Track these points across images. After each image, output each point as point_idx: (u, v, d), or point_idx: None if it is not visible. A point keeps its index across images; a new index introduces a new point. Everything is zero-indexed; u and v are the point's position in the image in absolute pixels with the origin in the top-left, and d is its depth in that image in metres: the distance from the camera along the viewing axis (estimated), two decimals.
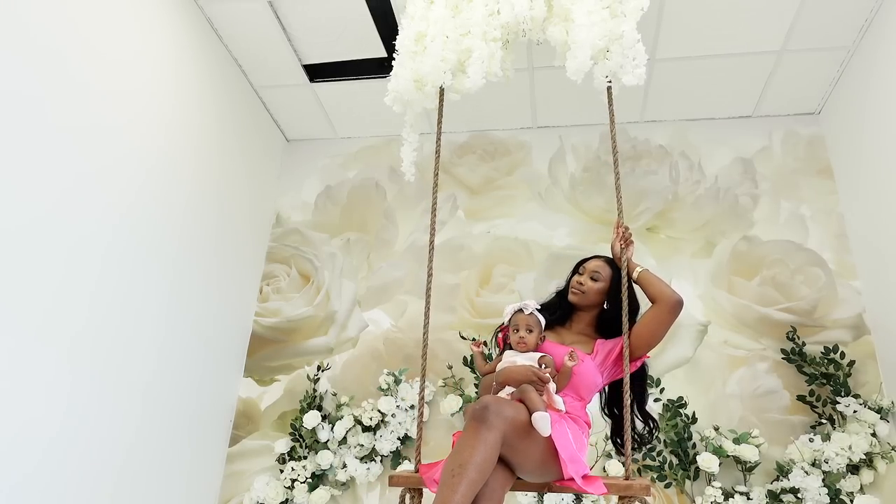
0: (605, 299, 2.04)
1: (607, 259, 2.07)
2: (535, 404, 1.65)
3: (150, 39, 2.85)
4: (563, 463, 1.62)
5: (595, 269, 2.03)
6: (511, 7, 2.14)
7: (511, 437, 1.58)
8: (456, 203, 3.88)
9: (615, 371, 1.96)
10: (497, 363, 1.91)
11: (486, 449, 1.52)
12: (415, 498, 1.79)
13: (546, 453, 1.64)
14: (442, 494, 1.47)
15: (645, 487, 1.63)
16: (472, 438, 1.54)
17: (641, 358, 1.95)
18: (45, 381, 2.24)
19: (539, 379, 1.75)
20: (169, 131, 2.97)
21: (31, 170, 2.19)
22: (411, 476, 1.79)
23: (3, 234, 2.06)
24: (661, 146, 3.80)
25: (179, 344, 3.03)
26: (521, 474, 1.70)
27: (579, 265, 2.12)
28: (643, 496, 1.64)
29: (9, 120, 2.10)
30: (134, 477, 2.70)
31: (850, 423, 2.88)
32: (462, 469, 1.48)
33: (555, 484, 1.70)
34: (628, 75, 1.96)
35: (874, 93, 3.09)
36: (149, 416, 2.79)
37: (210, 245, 3.31)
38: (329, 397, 3.44)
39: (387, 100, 2.25)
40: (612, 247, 1.99)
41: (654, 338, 1.91)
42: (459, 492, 1.45)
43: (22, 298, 2.14)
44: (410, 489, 1.80)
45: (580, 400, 1.89)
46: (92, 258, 2.46)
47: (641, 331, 1.89)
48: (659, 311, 1.88)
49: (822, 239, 3.41)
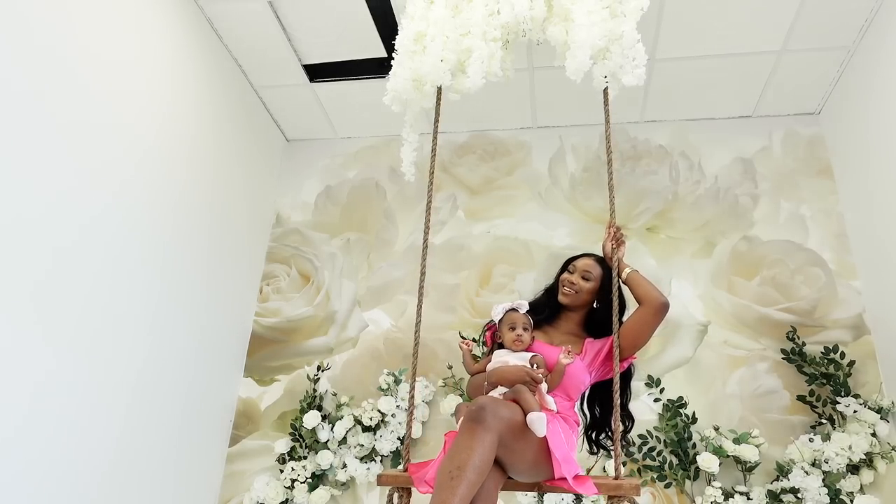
0: (596, 298, 2.04)
1: (597, 258, 2.07)
2: (530, 404, 1.66)
3: (149, 39, 2.85)
4: (556, 463, 1.62)
5: (586, 269, 2.03)
6: (511, 7, 2.14)
7: (506, 438, 1.58)
8: (456, 203, 3.88)
9: (603, 371, 1.96)
10: (486, 363, 1.90)
11: (484, 450, 1.51)
12: (403, 497, 1.78)
13: (540, 453, 1.64)
14: (440, 497, 1.45)
15: (634, 487, 1.62)
16: (469, 440, 1.53)
17: (629, 359, 1.95)
18: (44, 380, 2.24)
19: (532, 379, 1.75)
20: (169, 131, 2.96)
21: (30, 169, 2.18)
22: (399, 475, 1.77)
23: (3, 234, 2.06)
24: (661, 146, 3.80)
25: (179, 344, 3.03)
26: (513, 474, 1.69)
27: (568, 263, 2.10)
28: (633, 496, 1.63)
29: (7, 120, 2.09)
30: (134, 477, 2.70)
31: (850, 423, 2.88)
32: (460, 471, 1.47)
33: (545, 483, 1.70)
34: (628, 75, 1.96)
35: (874, 93, 3.09)
36: (149, 415, 2.79)
37: (210, 245, 3.31)
38: (329, 397, 3.44)
39: (385, 99, 2.25)
40: (604, 246, 1.98)
41: (640, 339, 1.90)
42: (458, 494, 1.44)
43: (22, 299, 2.14)
44: (399, 489, 1.79)
45: (569, 399, 1.90)
46: (91, 258, 2.46)
47: (627, 332, 1.87)
48: (644, 312, 1.88)
49: (822, 239, 3.41)
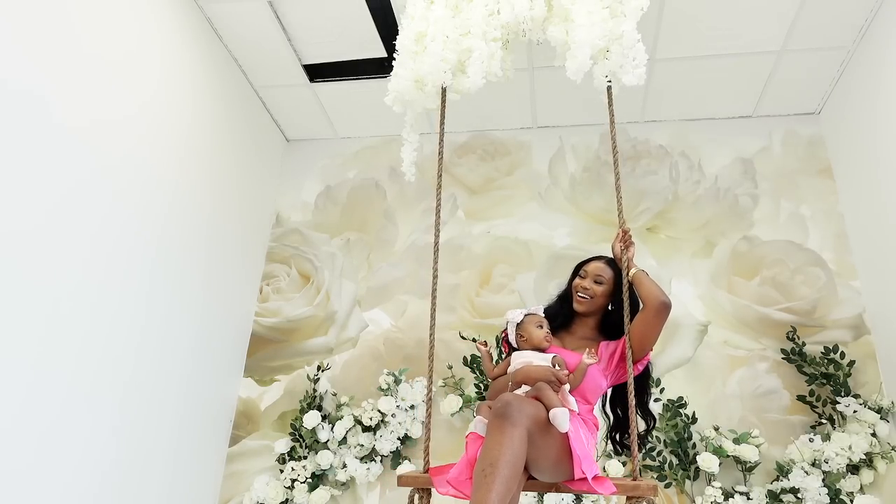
0: (610, 301, 2.04)
1: (608, 260, 2.06)
2: (552, 401, 1.66)
3: (149, 39, 2.85)
4: (576, 460, 1.62)
5: (598, 273, 2.02)
6: (511, 7, 2.14)
7: (532, 434, 1.59)
8: (456, 203, 3.87)
9: (619, 373, 1.96)
10: (506, 366, 1.90)
11: (514, 445, 1.52)
12: (423, 499, 1.79)
13: (562, 451, 1.65)
14: (477, 496, 1.45)
15: (652, 487, 1.64)
16: (498, 436, 1.54)
17: (643, 360, 1.94)
18: (44, 380, 2.24)
19: (557, 379, 1.75)
20: (168, 131, 2.96)
21: (29, 170, 2.18)
22: (420, 476, 1.79)
23: (4, 236, 2.06)
24: (661, 146, 3.80)
25: (179, 344, 3.03)
26: (535, 472, 1.69)
27: (580, 268, 2.10)
28: (651, 496, 1.64)
29: (6, 121, 2.09)
30: (134, 477, 2.70)
31: (850, 423, 2.88)
32: (493, 468, 1.47)
33: (563, 484, 1.71)
34: (628, 75, 1.96)
35: (874, 93, 3.09)
36: (149, 415, 2.79)
37: (210, 245, 3.31)
38: (329, 397, 3.44)
39: (387, 100, 2.25)
40: (613, 248, 1.98)
41: (646, 340, 1.89)
42: (494, 490, 1.44)
43: (21, 299, 2.14)
44: (419, 489, 1.80)
45: (587, 404, 1.90)
46: (91, 258, 2.46)
47: (633, 334, 1.87)
48: (646, 313, 1.87)
49: (822, 239, 3.41)
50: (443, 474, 1.73)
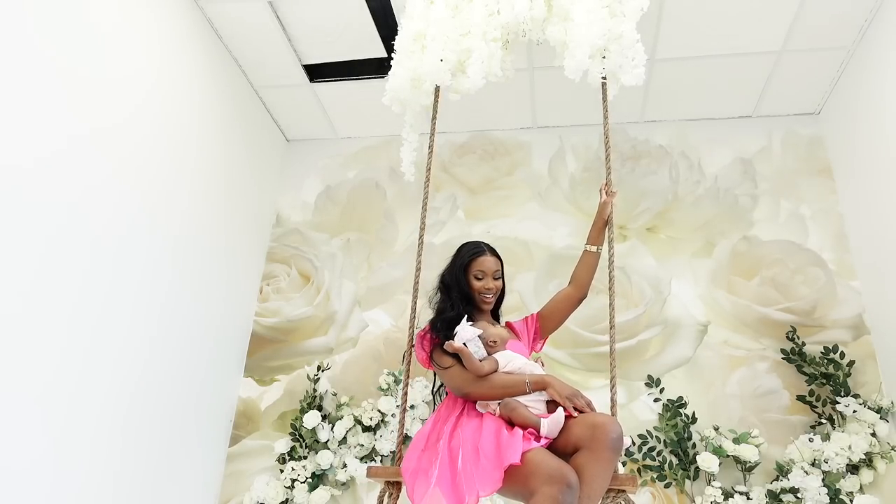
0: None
1: (489, 249, 2.05)
2: (529, 418, 1.70)
3: (149, 39, 2.85)
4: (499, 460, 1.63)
5: (494, 269, 2.01)
6: (511, 7, 2.14)
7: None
8: (456, 203, 3.87)
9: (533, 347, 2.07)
10: (494, 363, 1.84)
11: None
12: (392, 494, 1.80)
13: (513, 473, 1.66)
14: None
15: (630, 479, 1.65)
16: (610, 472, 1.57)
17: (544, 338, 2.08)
18: (44, 380, 2.24)
19: (576, 408, 1.71)
20: (168, 131, 2.97)
21: (29, 171, 2.18)
22: (388, 468, 1.83)
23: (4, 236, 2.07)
24: (660, 146, 3.80)
25: (180, 344, 3.03)
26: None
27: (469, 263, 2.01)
28: (628, 486, 1.65)
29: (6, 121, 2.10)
30: (134, 477, 2.70)
31: (850, 423, 2.88)
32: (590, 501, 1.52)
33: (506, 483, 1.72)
34: (627, 75, 1.97)
35: (874, 93, 3.09)
36: (149, 415, 2.79)
37: (210, 245, 3.31)
38: (329, 397, 3.44)
39: (384, 100, 2.25)
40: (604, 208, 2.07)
41: (564, 319, 2.07)
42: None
43: (22, 299, 2.14)
44: (388, 482, 1.81)
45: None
46: (92, 258, 2.46)
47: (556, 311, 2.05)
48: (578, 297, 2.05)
49: (822, 239, 3.41)
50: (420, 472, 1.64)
